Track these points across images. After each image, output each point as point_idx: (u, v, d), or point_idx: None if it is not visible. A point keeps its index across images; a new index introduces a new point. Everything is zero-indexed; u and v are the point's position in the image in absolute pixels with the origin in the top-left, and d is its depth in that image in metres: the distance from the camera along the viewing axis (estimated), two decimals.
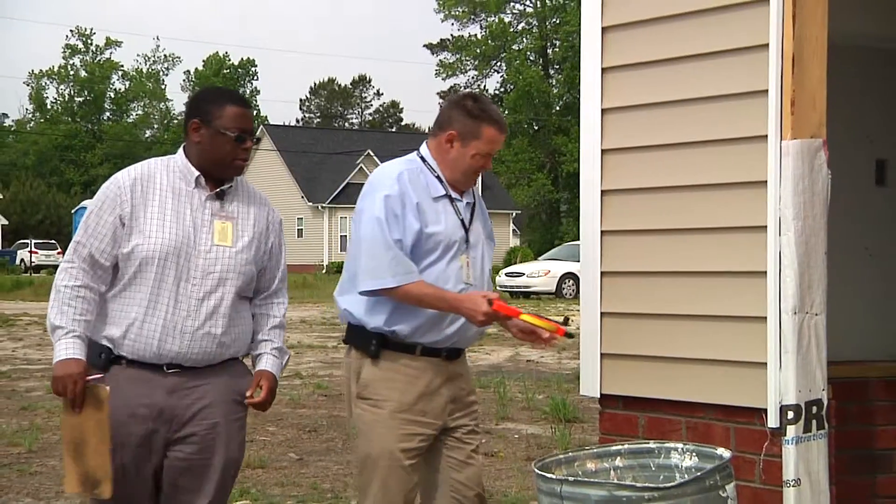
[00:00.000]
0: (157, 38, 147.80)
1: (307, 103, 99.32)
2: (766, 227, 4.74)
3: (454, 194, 4.74)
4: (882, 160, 6.03)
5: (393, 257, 4.53)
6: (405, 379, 4.63)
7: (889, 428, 5.77)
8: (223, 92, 4.72)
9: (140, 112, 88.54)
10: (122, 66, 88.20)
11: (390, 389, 4.63)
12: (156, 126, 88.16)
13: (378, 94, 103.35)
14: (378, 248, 4.56)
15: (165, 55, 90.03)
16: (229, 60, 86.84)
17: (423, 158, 4.77)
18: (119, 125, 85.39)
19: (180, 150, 4.48)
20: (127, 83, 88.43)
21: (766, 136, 4.74)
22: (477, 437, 4.84)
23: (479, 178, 5.08)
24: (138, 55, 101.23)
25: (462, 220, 4.73)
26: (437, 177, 4.72)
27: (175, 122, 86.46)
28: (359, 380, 4.66)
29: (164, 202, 4.34)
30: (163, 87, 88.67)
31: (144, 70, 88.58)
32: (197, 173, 4.38)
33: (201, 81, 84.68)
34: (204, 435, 4.35)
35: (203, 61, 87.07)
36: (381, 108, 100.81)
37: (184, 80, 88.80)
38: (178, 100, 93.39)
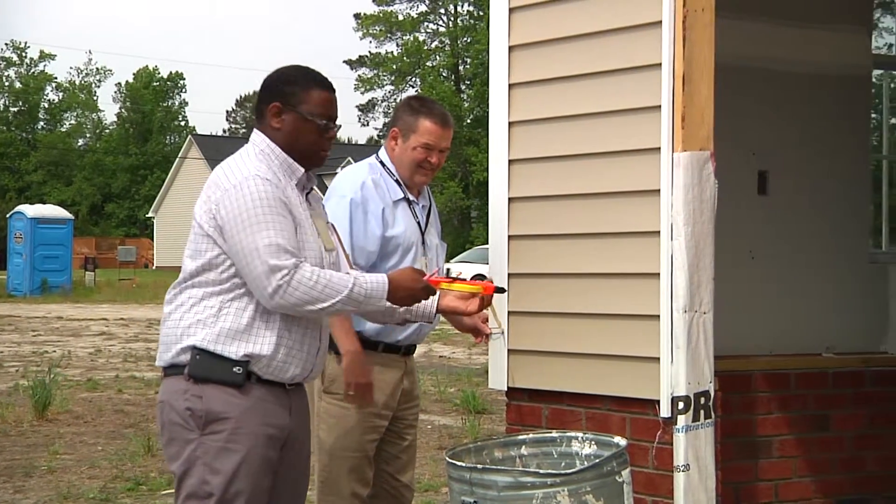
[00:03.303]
0: (90, 52, 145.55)
1: (233, 115, 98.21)
2: (659, 232, 4.77)
3: (412, 197, 4.67)
4: (763, 171, 6.10)
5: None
6: None
7: (770, 417, 5.85)
8: (308, 73, 3.71)
9: (73, 122, 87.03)
10: (56, 78, 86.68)
11: None
12: (88, 135, 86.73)
13: None
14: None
15: (97, 68, 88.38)
16: (159, 74, 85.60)
17: (381, 163, 4.69)
18: (53, 134, 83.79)
19: (262, 138, 3.64)
20: (60, 94, 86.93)
21: (659, 148, 4.78)
22: (414, 430, 4.81)
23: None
24: (71, 68, 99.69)
25: (419, 223, 4.68)
26: (396, 180, 4.65)
27: (107, 131, 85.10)
28: (324, 376, 4.55)
29: (296, 206, 3.57)
30: (95, 98, 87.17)
31: (77, 82, 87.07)
32: (302, 170, 3.64)
33: (132, 93, 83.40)
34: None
35: (133, 74, 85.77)
36: None
37: (115, 92, 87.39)
38: (109, 110, 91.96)
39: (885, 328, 6.40)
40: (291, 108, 3.60)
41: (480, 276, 3.61)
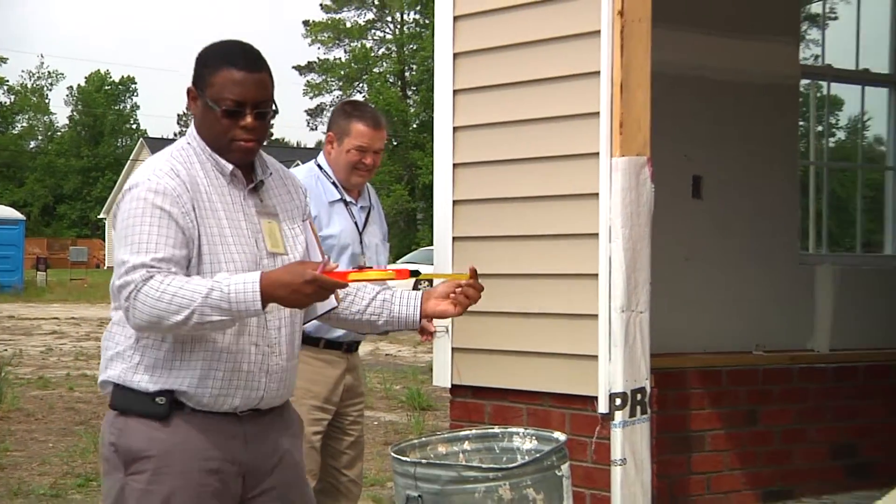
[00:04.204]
0: (42, 56, 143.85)
1: (184, 118, 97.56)
2: (597, 234, 4.80)
3: (349, 198, 4.66)
4: (698, 176, 6.15)
5: None
6: (312, 370, 4.53)
7: (702, 412, 5.90)
8: (224, 49, 2.97)
9: (25, 124, 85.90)
10: (8, 80, 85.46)
11: (299, 379, 4.57)
12: (40, 137, 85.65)
13: None
14: None
15: (49, 72, 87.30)
16: (110, 77, 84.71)
17: (319, 166, 4.70)
18: (5, 136, 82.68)
19: (191, 128, 3.03)
20: (12, 97, 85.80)
21: (598, 153, 4.81)
22: (359, 426, 4.79)
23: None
24: (23, 71, 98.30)
25: (356, 223, 4.66)
26: (333, 182, 4.65)
27: (58, 133, 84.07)
28: None
29: (216, 211, 2.90)
30: (47, 101, 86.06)
31: (29, 85, 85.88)
32: (231, 166, 2.94)
33: (83, 97, 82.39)
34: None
35: (85, 78, 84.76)
36: None
37: (66, 96, 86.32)
38: (61, 113, 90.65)
39: (812, 327, 6.48)
40: (201, 93, 2.92)
41: (415, 273, 3.18)
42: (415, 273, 3.25)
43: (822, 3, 7.38)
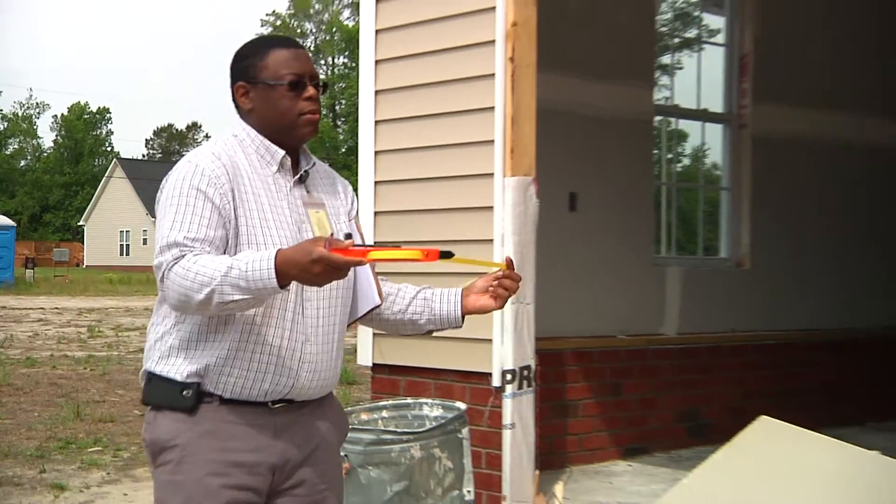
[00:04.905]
0: (31, 90, 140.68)
1: (151, 142, 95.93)
2: (493, 240, 4.78)
3: None
4: (574, 193, 6.17)
5: None
6: None
7: (577, 385, 5.92)
8: (261, 39, 2.55)
9: (16, 146, 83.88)
10: (2, 109, 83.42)
11: None
12: (28, 157, 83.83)
13: (206, 136, 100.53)
14: None
15: (37, 102, 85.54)
16: (89, 108, 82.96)
17: None
18: None
19: (240, 124, 2.48)
20: (5, 124, 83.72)
21: (493, 174, 4.79)
22: None
23: None
24: (14, 102, 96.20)
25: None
26: None
27: (44, 154, 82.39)
28: None
29: (258, 196, 2.38)
30: (35, 127, 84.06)
31: (20, 114, 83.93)
32: (282, 152, 2.43)
33: (66, 124, 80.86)
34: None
35: (68, 108, 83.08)
36: None
37: (52, 122, 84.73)
38: (46, 137, 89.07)
39: (663, 316, 6.54)
40: (254, 80, 2.43)
41: (446, 255, 2.36)
42: (446, 255, 2.37)
43: (671, 54, 7.45)
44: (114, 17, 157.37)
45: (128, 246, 63.27)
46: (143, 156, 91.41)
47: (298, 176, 2.47)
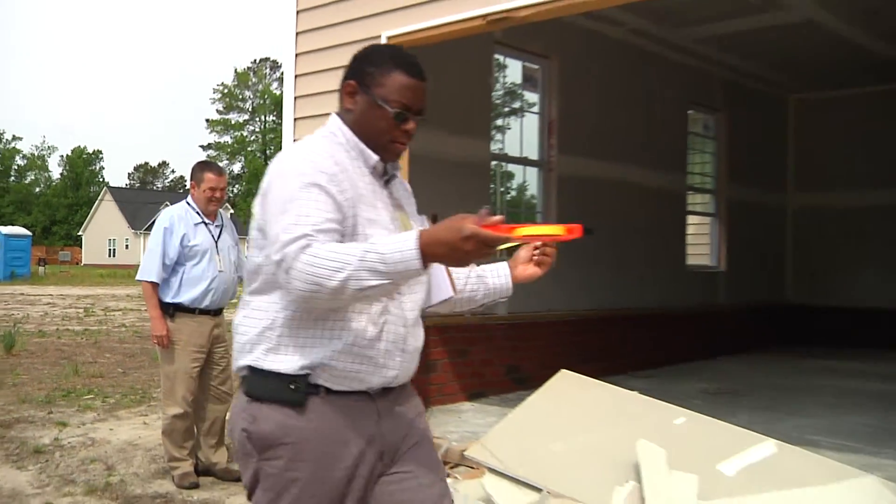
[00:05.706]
0: (44, 136, 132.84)
1: (132, 175, 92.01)
2: None
3: (207, 221, 4.49)
4: (435, 214, 6.10)
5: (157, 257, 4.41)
6: (191, 328, 4.38)
7: (437, 350, 5.87)
8: (395, 54, 1.81)
9: (32, 177, 79.74)
10: (21, 150, 79.01)
11: (184, 334, 4.39)
12: (41, 185, 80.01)
13: (173, 171, 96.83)
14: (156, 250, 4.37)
15: (48, 146, 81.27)
16: (87, 151, 79.32)
17: (188, 203, 4.53)
18: (20, 185, 77.05)
19: (335, 120, 1.84)
20: (24, 161, 79.39)
21: None
22: (226, 359, 4.53)
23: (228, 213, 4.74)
24: (32, 145, 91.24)
25: (212, 235, 4.47)
26: (197, 211, 4.49)
27: (53, 183, 78.90)
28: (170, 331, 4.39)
29: (364, 196, 1.78)
30: (47, 163, 79.90)
31: (35, 154, 79.93)
32: (375, 157, 1.82)
33: (70, 161, 78.53)
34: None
35: (71, 150, 79.36)
36: (174, 179, 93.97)
37: (59, 160, 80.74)
38: (55, 171, 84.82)
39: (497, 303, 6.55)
40: (366, 89, 1.79)
41: (589, 231, 1.72)
42: (588, 231, 1.71)
43: (503, 118, 7.50)
44: (105, 76, 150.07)
45: (114, 250, 62.12)
46: (126, 185, 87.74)
47: (386, 179, 1.87)
